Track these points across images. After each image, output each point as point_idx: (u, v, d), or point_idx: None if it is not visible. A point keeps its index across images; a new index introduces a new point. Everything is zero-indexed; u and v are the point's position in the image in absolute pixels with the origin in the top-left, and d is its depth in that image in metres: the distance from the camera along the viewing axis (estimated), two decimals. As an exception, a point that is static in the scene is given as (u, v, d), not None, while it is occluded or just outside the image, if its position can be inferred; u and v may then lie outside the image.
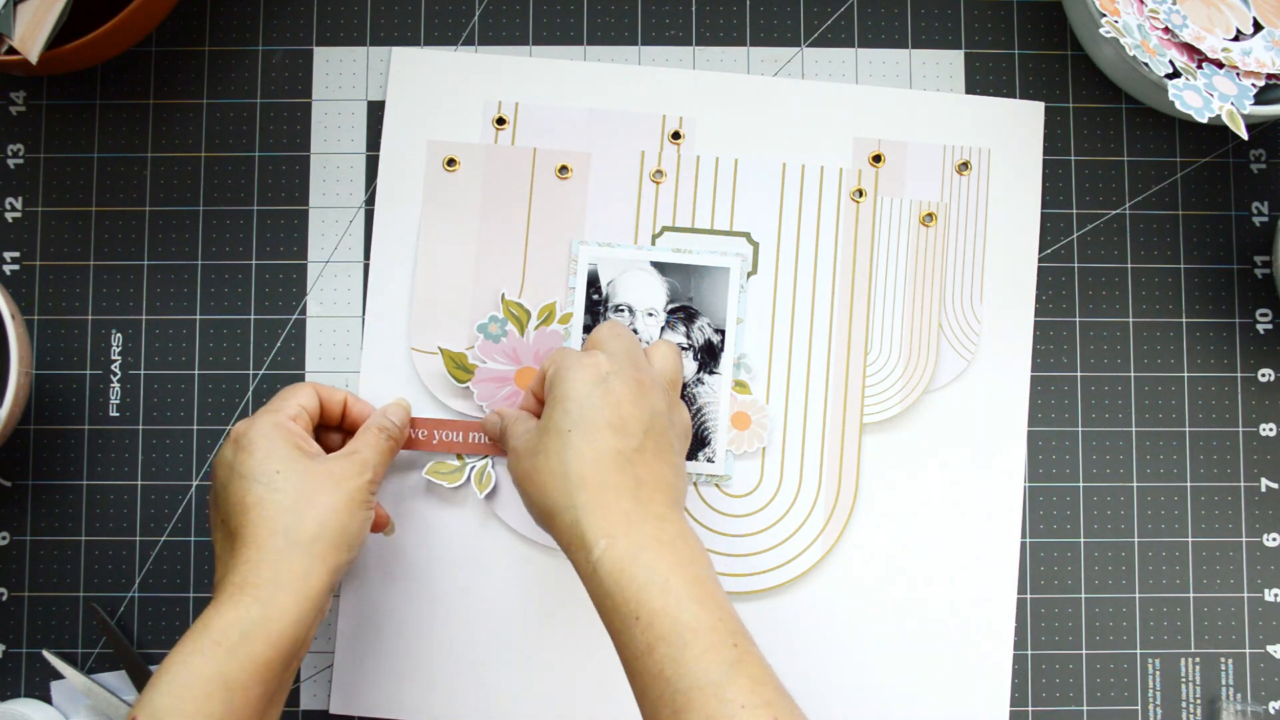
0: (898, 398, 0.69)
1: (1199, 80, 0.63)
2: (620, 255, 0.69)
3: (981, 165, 0.70)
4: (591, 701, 0.68)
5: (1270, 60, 0.65)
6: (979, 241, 0.70)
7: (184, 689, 0.53)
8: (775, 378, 0.69)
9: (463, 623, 0.68)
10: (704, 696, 0.51)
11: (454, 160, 0.70)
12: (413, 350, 0.69)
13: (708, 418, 0.68)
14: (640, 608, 0.53)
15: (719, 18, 0.72)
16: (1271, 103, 0.65)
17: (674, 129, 0.70)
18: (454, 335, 0.69)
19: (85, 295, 0.70)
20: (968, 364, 0.69)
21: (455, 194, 0.70)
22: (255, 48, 0.72)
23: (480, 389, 0.68)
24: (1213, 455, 0.70)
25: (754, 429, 0.68)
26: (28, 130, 0.71)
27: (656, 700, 0.52)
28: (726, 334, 0.69)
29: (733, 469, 0.69)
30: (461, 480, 0.68)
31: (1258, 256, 0.71)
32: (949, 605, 0.68)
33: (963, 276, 0.70)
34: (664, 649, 0.52)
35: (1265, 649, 0.69)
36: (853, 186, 0.70)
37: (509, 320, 0.69)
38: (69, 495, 0.69)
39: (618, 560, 0.54)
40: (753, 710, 0.50)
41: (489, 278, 0.69)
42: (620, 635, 0.54)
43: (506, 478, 0.68)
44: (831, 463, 0.69)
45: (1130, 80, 0.70)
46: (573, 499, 0.56)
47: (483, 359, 0.68)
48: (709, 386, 0.69)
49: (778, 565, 0.68)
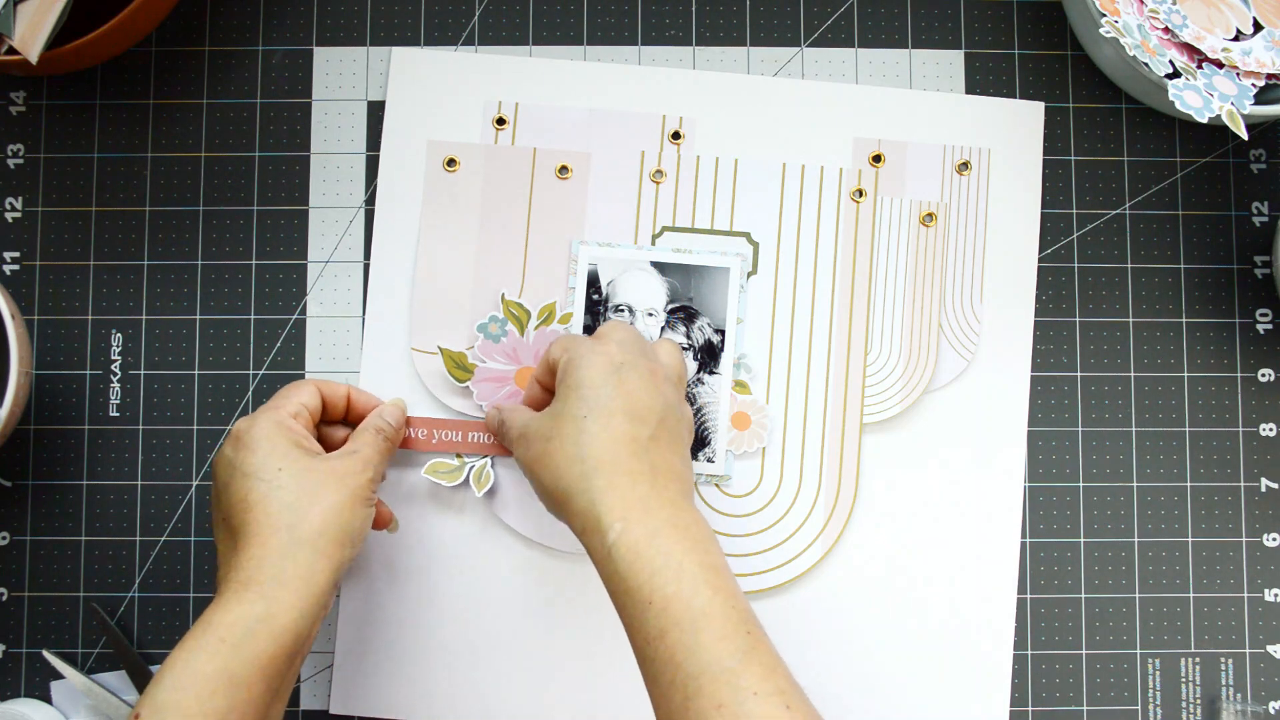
0: (898, 398, 0.69)
1: (1199, 80, 0.63)
2: (620, 255, 0.69)
3: (981, 165, 0.70)
4: (593, 700, 0.68)
5: (1270, 60, 0.65)
6: (979, 241, 0.70)
7: (188, 685, 0.53)
8: (775, 378, 0.69)
9: (463, 624, 0.68)
10: (716, 683, 0.50)
11: (454, 160, 0.70)
12: (413, 350, 0.69)
13: (708, 418, 0.68)
14: (654, 592, 0.53)
15: (719, 18, 0.72)
16: (1271, 103, 0.65)
17: (674, 129, 0.70)
18: (454, 335, 0.69)
19: (85, 295, 0.70)
20: (968, 364, 0.69)
21: (455, 194, 0.70)
22: (255, 48, 0.72)
23: (480, 389, 0.68)
24: (1213, 455, 0.70)
25: (754, 429, 0.68)
26: (28, 130, 0.71)
27: (668, 686, 0.52)
28: (726, 334, 0.69)
29: (733, 469, 0.69)
30: (460, 479, 0.68)
31: (1258, 256, 0.71)
32: (949, 604, 0.68)
33: (963, 276, 0.70)
34: (676, 634, 0.52)
35: (1265, 649, 0.69)
36: (853, 186, 0.70)
37: (509, 320, 0.69)
38: (69, 495, 0.69)
39: (633, 544, 0.54)
40: (765, 697, 0.50)
41: (489, 277, 0.69)
42: (633, 620, 0.54)
43: (506, 477, 0.68)
44: (831, 463, 0.69)
45: (1130, 80, 0.70)
46: (589, 482, 0.56)
47: (482, 359, 0.68)
48: (709, 386, 0.69)
49: (778, 565, 0.68)
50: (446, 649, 0.68)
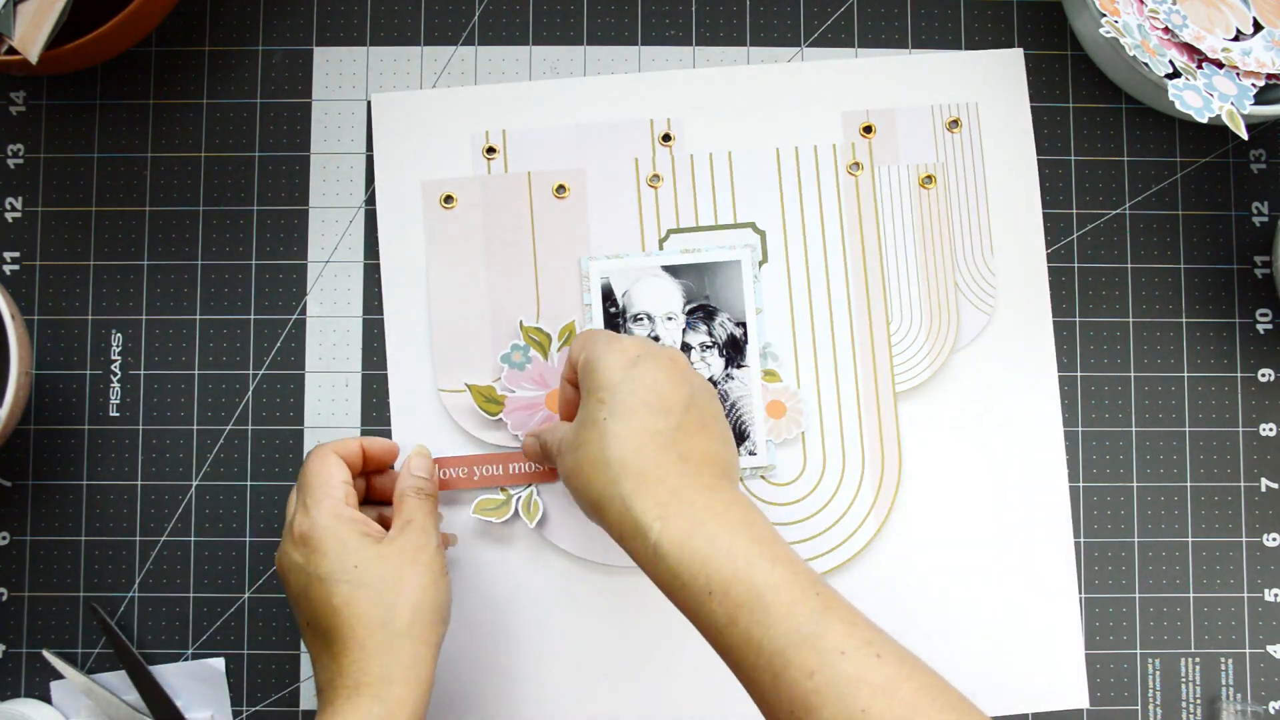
0: (925, 361, 0.69)
1: (1199, 80, 0.63)
2: (630, 264, 0.69)
3: (971, 120, 0.70)
4: (665, 704, 0.68)
5: (1270, 60, 0.65)
6: (981, 195, 0.70)
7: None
8: (803, 361, 0.69)
9: (538, 655, 0.68)
10: (801, 652, 0.49)
11: (451, 197, 0.70)
12: (440, 391, 0.69)
13: (742, 411, 0.68)
14: (711, 581, 0.52)
15: (719, 18, 0.72)
16: (1271, 103, 0.65)
17: (663, 131, 0.70)
18: (479, 370, 0.69)
19: (85, 295, 0.70)
20: (989, 318, 0.69)
21: (457, 230, 0.70)
22: (255, 48, 0.72)
23: (513, 418, 0.68)
24: (1213, 455, 0.70)
25: (790, 415, 0.68)
26: (28, 130, 0.71)
27: (752, 669, 0.51)
28: (748, 325, 0.69)
29: (775, 458, 0.68)
30: (509, 514, 0.67)
31: (1258, 256, 0.71)
32: (1008, 558, 0.68)
33: (971, 232, 0.70)
34: (746, 616, 0.51)
35: (1265, 649, 0.69)
36: (848, 161, 0.70)
37: (531, 346, 0.69)
38: (69, 495, 0.69)
39: (675, 539, 0.53)
40: (854, 653, 0.49)
41: (504, 307, 0.69)
42: (697, 613, 0.53)
43: (554, 504, 0.68)
44: (871, 437, 0.69)
45: (1130, 80, 0.70)
46: (619, 487, 0.55)
47: (510, 388, 0.68)
48: (739, 380, 0.68)
49: (835, 546, 0.68)
50: (510, 667, 0.68)
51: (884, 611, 0.67)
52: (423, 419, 0.69)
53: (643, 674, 0.68)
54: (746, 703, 0.51)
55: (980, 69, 0.71)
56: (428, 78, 0.71)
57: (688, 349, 0.68)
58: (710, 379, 0.68)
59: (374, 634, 0.56)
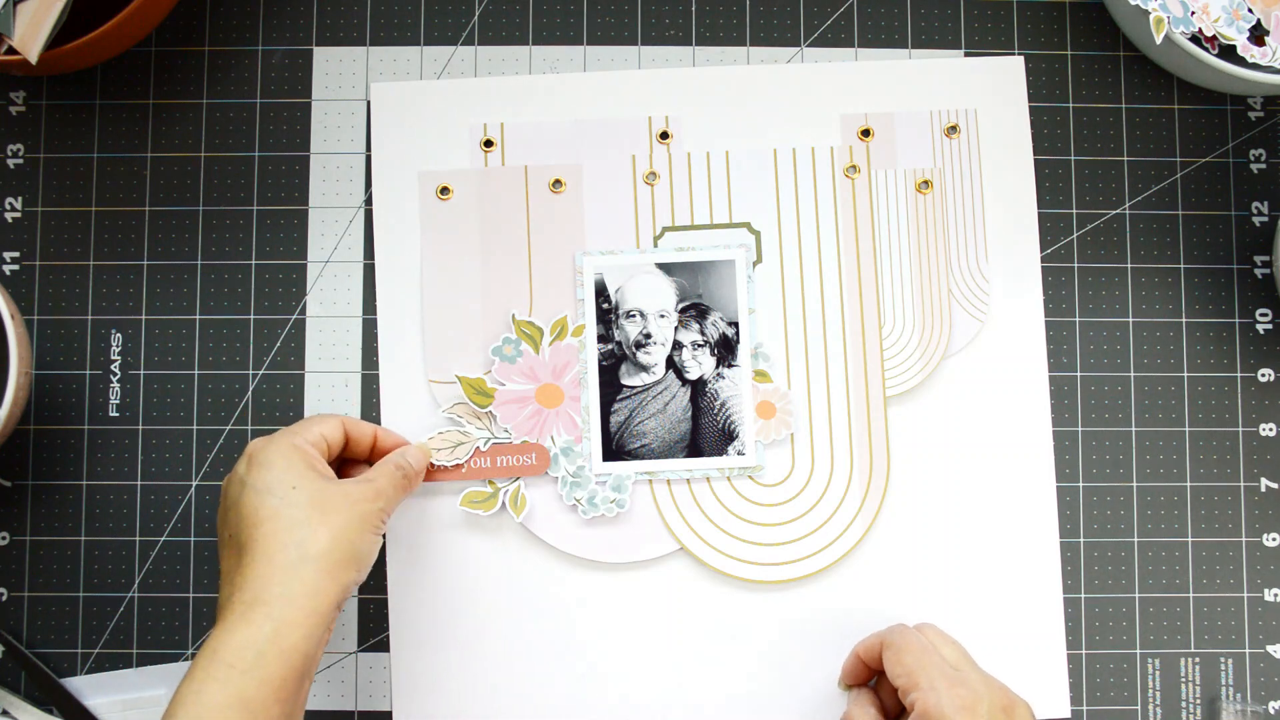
0: (917, 367, 0.69)
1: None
2: (625, 261, 0.69)
3: (970, 126, 0.70)
4: (634, 690, 0.68)
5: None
6: (977, 202, 0.70)
7: (203, 718, 0.53)
8: (794, 363, 0.69)
9: (509, 634, 0.68)
10: None
11: (447, 188, 0.70)
12: (431, 382, 0.69)
13: (732, 411, 0.68)
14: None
15: (719, 18, 0.72)
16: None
17: (661, 129, 0.70)
18: (470, 361, 0.69)
19: (85, 295, 0.70)
20: (982, 325, 0.69)
21: (453, 221, 0.70)
22: (255, 48, 0.72)
23: (503, 411, 0.68)
24: (1213, 455, 0.70)
25: (780, 416, 0.68)
26: (28, 130, 0.71)
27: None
28: (740, 325, 0.69)
29: (764, 458, 0.69)
30: (496, 507, 0.68)
31: (1258, 256, 0.71)
32: (993, 562, 0.68)
33: (966, 239, 0.70)
34: None
35: (1265, 649, 0.69)
36: (845, 163, 0.70)
37: (523, 340, 0.69)
38: (69, 495, 0.69)
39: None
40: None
41: (497, 300, 0.69)
42: None
43: (541, 498, 0.68)
44: (860, 440, 0.69)
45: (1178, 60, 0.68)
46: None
47: (501, 381, 0.68)
48: (729, 380, 0.69)
49: (821, 548, 0.68)
50: (495, 658, 0.68)
51: (869, 614, 0.68)
52: (413, 410, 0.69)
53: (626, 666, 0.68)
54: (727, 694, 0.51)
55: (980, 76, 0.71)
56: (428, 78, 0.71)
57: (679, 347, 0.69)
58: (700, 378, 0.68)
59: (285, 552, 0.57)
